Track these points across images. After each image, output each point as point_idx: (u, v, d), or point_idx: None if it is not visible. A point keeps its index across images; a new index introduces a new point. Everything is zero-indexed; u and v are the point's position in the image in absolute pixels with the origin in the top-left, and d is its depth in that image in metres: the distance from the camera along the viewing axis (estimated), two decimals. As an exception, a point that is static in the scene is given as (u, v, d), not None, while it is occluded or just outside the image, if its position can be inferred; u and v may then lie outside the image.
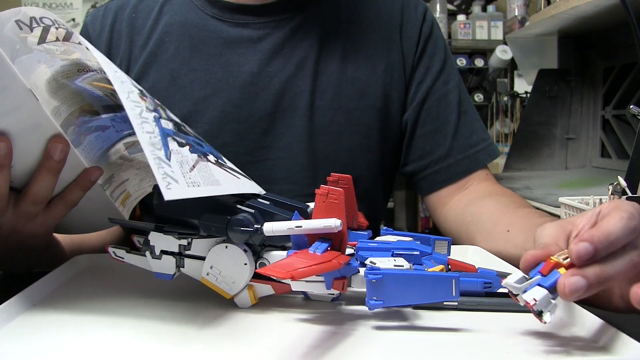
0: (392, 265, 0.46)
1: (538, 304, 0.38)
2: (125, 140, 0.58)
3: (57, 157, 0.51)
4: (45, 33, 0.46)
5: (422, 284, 0.43)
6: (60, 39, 0.47)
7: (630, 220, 0.39)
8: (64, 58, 0.48)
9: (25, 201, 0.54)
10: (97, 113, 0.55)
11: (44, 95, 0.48)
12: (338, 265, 0.44)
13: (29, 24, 0.45)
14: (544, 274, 0.40)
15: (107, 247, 0.53)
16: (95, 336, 0.44)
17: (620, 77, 1.43)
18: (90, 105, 0.54)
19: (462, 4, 2.81)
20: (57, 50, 0.47)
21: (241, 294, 0.50)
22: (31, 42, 0.46)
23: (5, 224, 0.56)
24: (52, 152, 0.51)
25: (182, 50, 0.79)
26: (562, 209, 0.70)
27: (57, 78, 0.49)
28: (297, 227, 0.45)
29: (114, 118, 0.56)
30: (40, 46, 0.46)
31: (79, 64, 0.49)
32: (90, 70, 0.50)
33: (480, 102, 2.63)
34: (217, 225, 0.48)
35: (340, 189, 0.45)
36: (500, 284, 0.48)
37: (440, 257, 0.50)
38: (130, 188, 0.62)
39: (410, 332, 0.45)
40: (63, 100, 0.51)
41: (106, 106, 0.55)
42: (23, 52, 0.46)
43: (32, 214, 0.55)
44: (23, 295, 0.50)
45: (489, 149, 0.83)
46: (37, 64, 0.47)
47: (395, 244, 0.50)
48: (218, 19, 0.80)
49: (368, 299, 0.44)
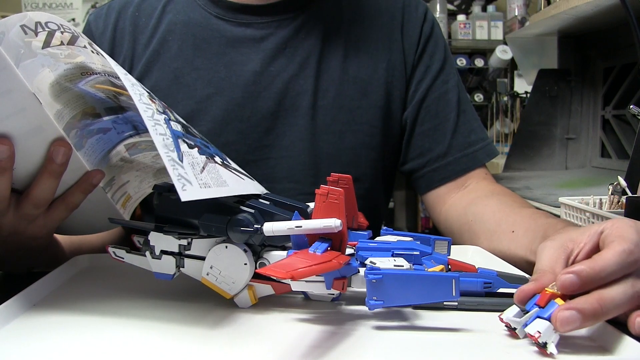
0: (392, 265, 0.46)
1: (542, 335, 0.38)
2: (126, 141, 0.58)
3: (59, 160, 0.51)
4: (50, 37, 0.46)
5: (422, 284, 0.43)
6: (65, 43, 0.47)
7: (629, 255, 0.40)
8: (68, 62, 0.48)
9: (26, 203, 0.54)
10: (99, 115, 0.55)
11: (47, 98, 0.48)
12: (338, 265, 0.44)
13: (34, 29, 0.45)
14: (541, 305, 0.40)
15: (107, 247, 0.54)
16: (95, 336, 0.44)
17: (620, 77, 1.43)
18: (93, 108, 0.54)
19: (462, 4, 2.81)
20: (61, 54, 0.47)
21: (241, 294, 0.50)
22: (35, 46, 0.46)
23: (6, 225, 0.55)
24: (55, 155, 0.51)
25: (185, 49, 0.80)
26: (562, 209, 0.70)
27: (61, 82, 0.49)
28: (297, 227, 0.45)
29: (115, 120, 0.56)
30: (44, 50, 0.46)
31: (82, 67, 0.49)
32: (94, 73, 0.50)
33: (480, 102, 2.63)
34: (217, 225, 0.48)
35: (340, 189, 0.45)
36: (500, 284, 0.48)
37: (440, 257, 0.50)
38: (130, 190, 0.62)
39: (410, 332, 0.45)
40: (66, 104, 0.51)
41: (108, 108, 0.55)
42: (27, 57, 0.46)
43: (33, 216, 0.55)
44: (23, 295, 0.50)
45: (487, 148, 0.84)
46: (40, 68, 0.47)
47: (395, 244, 0.50)
48: (221, 18, 0.80)
49: (368, 299, 0.44)
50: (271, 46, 0.79)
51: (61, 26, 0.47)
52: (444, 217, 0.83)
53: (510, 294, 0.49)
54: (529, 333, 0.39)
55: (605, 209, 0.65)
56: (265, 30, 0.80)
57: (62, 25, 0.47)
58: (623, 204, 0.63)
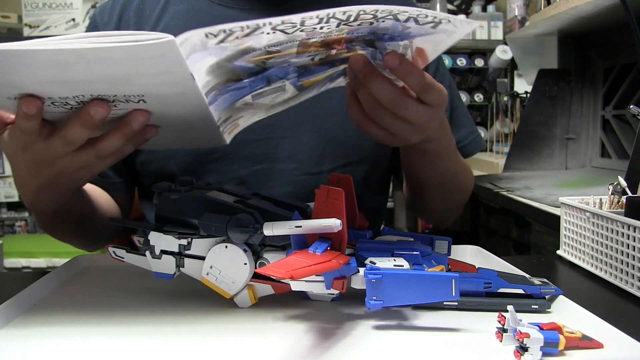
0: (392, 265, 0.46)
1: (531, 341, 0.38)
2: (255, 92, 0.59)
3: (135, 127, 0.51)
4: (227, 36, 0.47)
5: (421, 284, 0.43)
6: (240, 37, 0.48)
7: None
8: (233, 48, 0.49)
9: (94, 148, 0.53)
10: (241, 79, 0.56)
11: (201, 75, 0.50)
12: (337, 265, 0.44)
13: (216, 34, 0.46)
14: (543, 329, 0.40)
15: (107, 247, 0.54)
16: (95, 336, 0.44)
17: (620, 77, 1.43)
18: (238, 75, 0.55)
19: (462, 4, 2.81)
20: (231, 45, 0.48)
21: (241, 294, 0.50)
22: (210, 44, 0.47)
23: (62, 164, 0.55)
24: (133, 122, 0.51)
25: None
26: (562, 209, 0.70)
27: (220, 62, 0.51)
28: (297, 227, 0.45)
29: (253, 80, 0.57)
30: (217, 45, 0.47)
31: (245, 49, 0.50)
32: (254, 50, 0.51)
33: (480, 102, 2.63)
34: (217, 225, 0.48)
35: (340, 189, 0.45)
36: (500, 284, 0.48)
37: (440, 257, 0.50)
38: (241, 121, 0.64)
39: (410, 331, 0.45)
40: (216, 76, 0.52)
41: (252, 73, 0.56)
42: (199, 50, 0.47)
43: (107, 154, 0.54)
44: (23, 295, 0.50)
45: (475, 141, 0.90)
46: (208, 57, 0.49)
47: (395, 244, 0.50)
48: (225, 5, 0.81)
49: (368, 299, 0.44)
50: None
51: (245, 27, 0.47)
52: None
53: (510, 294, 0.49)
54: (520, 330, 0.39)
55: (606, 209, 0.65)
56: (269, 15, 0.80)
57: (246, 27, 0.47)
58: (623, 204, 0.63)
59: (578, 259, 0.67)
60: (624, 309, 0.53)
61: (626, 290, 0.56)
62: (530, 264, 0.69)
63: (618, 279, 0.58)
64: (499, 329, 0.42)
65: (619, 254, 0.58)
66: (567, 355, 0.39)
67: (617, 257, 0.58)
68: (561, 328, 0.40)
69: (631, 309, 0.53)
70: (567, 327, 0.40)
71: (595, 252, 0.63)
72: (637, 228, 0.55)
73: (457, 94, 0.92)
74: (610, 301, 0.56)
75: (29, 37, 2.62)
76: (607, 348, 0.40)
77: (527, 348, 0.38)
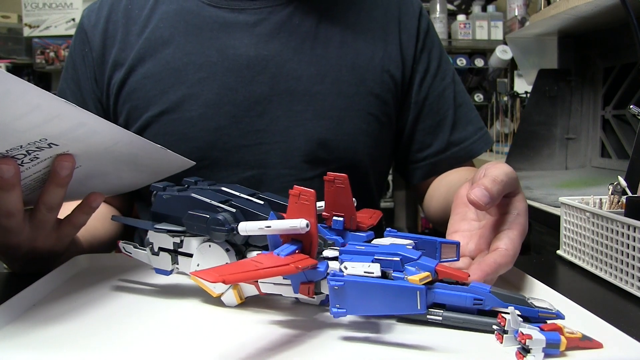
0: (363, 272, 0.42)
1: (533, 342, 0.38)
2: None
3: (64, 173, 0.55)
4: None
5: (384, 294, 0.41)
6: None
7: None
8: None
9: (40, 207, 0.58)
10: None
11: None
12: (293, 270, 0.41)
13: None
14: (544, 330, 0.40)
15: (118, 242, 0.57)
16: (95, 336, 0.44)
17: (620, 77, 1.43)
18: None
19: (462, 4, 2.82)
20: None
21: (227, 293, 0.50)
22: None
23: (24, 242, 0.60)
24: (59, 169, 0.54)
25: (177, 35, 0.79)
26: (562, 209, 0.70)
27: None
28: (267, 227, 0.45)
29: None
30: None
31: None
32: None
33: (480, 102, 2.63)
34: (197, 224, 0.49)
35: (312, 190, 0.44)
36: (492, 302, 0.43)
37: (427, 263, 0.44)
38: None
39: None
40: None
41: None
42: None
43: (48, 223, 0.59)
44: (23, 295, 0.50)
45: (484, 138, 0.89)
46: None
47: (382, 247, 0.46)
48: (214, 6, 0.81)
49: (331, 306, 0.42)
50: (265, 31, 0.79)
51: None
52: (429, 196, 0.88)
53: (503, 312, 0.43)
54: (522, 331, 0.39)
55: (605, 209, 0.65)
56: (258, 15, 0.80)
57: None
58: (623, 203, 0.63)
59: (578, 259, 0.67)
60: (624, 309, 0.53)
61: (626, 290, 0.56)
62: (530, 264, 0.69)
63: (618, 279, 0.58)
64: (498, 330, 0.42)
65: (618, 254, 0.58)
66: (567, 356, 0.39)
67: (617, 257, 0.58)
68: (561, 328, 0.40)
69: (631, 309, 0.53)
70: (567, 328, 0.40)
71: (595, 252, 0.63)
72: (637, 228, 0.55)
73: (463, 89, 0.90)
74: (610, 301, 0.56)
75: (29, 37, 2.62)
76: (607, 348, 0.40)
77: (529, 349, 0.38)
